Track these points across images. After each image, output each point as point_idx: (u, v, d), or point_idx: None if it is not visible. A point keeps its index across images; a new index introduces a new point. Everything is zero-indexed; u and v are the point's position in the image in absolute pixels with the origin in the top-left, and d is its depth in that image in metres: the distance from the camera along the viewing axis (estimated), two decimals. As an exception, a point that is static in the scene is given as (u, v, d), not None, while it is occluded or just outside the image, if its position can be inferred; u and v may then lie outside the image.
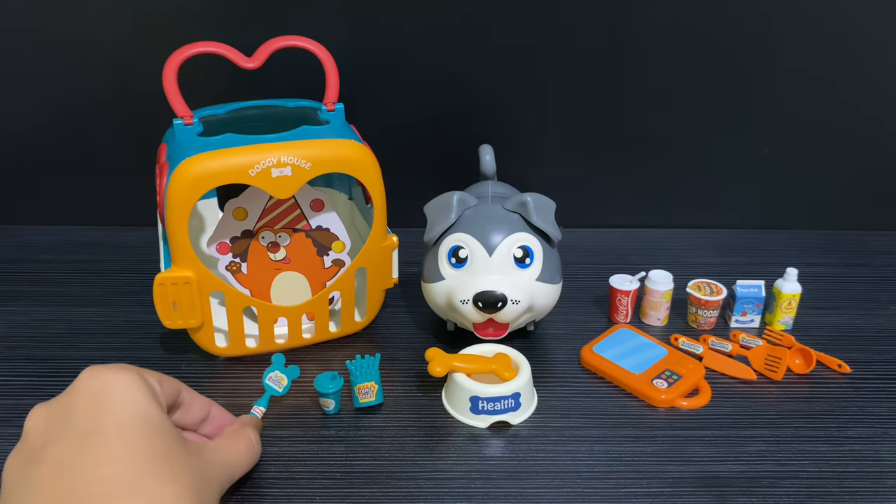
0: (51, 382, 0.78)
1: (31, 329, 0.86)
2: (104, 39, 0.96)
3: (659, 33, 0.97)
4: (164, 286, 0.74)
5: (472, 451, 0.69)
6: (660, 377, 0.77)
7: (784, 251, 1.05)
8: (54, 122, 1.02)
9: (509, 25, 0.97)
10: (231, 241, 0.79)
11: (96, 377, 0.52)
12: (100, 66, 0.98)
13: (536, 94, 1.01)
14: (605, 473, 0.67)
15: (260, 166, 0.71)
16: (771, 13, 0.96)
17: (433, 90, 1.00)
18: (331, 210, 0.80)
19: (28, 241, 1.05)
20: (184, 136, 0.74)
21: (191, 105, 0.75)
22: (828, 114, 1.03)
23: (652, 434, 0.72)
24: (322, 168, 0.74)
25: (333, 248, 0.82)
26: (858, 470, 0.68)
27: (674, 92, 1.01)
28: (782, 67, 0.99)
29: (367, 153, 0.76)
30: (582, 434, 0.72)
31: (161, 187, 0.75)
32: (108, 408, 0.51)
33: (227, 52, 0.74)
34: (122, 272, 0.97)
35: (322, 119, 0.79)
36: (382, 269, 0.83)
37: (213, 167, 0.71)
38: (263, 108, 0.83)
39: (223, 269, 0.79)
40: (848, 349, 0.84)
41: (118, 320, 0.88)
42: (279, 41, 0.76)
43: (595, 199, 1.08)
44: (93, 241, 1.04)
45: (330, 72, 0.78)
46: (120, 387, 0.52)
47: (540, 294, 0.78)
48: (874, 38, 0.98)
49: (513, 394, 0.72)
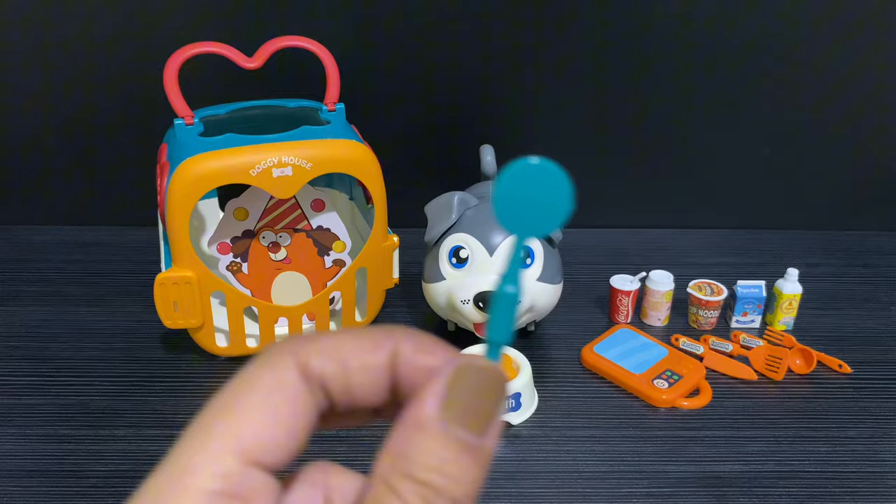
0: (51, 382, 0.78)
1: (31, 329, 0.86)
2: (105, 39, 0.96)
3: (660, 34, 0.97)
4: (165, 286, 0.74)
5: (473, 451, 0.69)
6: (660, 377, 0.77)
7: (785, 251, 1.05)
8: (55, 122, 1.02)
9: (509, 25, 0.97)
10: (232, 241, 0.79)
11: None
12: (101, 66, 0.98)
13: (537, 95, 1.01)
14: (606, 473, 0.67)
15: (261, 166, 0.71)
16: (772, 14, 0.96)
17: (434, 90, 1.00)
18: (331, 210, 0.80)
19: (28, 241, 1.04)
20: (185, 136, 0.74)
21: (192, 105, 0.75)
22: (828, 114, 1.03)
23: (653, 434, 0.72)
24: (323, 168, 0.74)
25: (334, 248, 0.82)
26: (858, 470, 0.68)
27: (675, 92, 1.01)
28: (783, 68, 0.99)
29: (368, 153, 0.76)
30: (582, 434, 0.72)
31: (162, 187, 0.75)
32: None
33: (228, 53, 0.74)
34: (122, 272, 0.97)
35: (323, 119, 0.79)
36: (383, 269, 0.83)
37: (214, 167, 0.71)
38: (264, 108, 0.83)
39: (224, 269, 0.79)
40: (848, 349, 0.84)
41: (119, 320, 0.87)
42: (280, 41, 0.76)
43: (596, 200, 1.08)
44: (93, 241, 1.04)
45: (331, 72, 0.78)
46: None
47: (541, 294, 0.78)
48: (874, 39, 0.98)
49: (513, 394, 0.72)
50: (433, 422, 0.24)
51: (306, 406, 0.26)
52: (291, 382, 0.26)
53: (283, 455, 0.25)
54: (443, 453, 0.24)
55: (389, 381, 0.27)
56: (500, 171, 0.26)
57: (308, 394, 0.26)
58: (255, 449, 0.25)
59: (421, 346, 0.27)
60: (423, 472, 0.23)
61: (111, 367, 0.79)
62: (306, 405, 0.26)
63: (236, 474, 0.24)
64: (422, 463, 0.24)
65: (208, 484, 0.24)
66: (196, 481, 0.24)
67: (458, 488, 0.24)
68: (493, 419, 0.25)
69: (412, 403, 0.25)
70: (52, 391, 0.77)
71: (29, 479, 0.66)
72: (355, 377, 0.27)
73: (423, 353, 0.27)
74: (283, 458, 0.25)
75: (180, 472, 0.24)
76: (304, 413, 0.26)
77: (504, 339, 0.26)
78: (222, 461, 0.24)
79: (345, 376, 0.27)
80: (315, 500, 0.28)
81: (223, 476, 0.24)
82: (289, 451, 0.26)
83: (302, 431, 0.26)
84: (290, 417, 0.26)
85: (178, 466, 0.25)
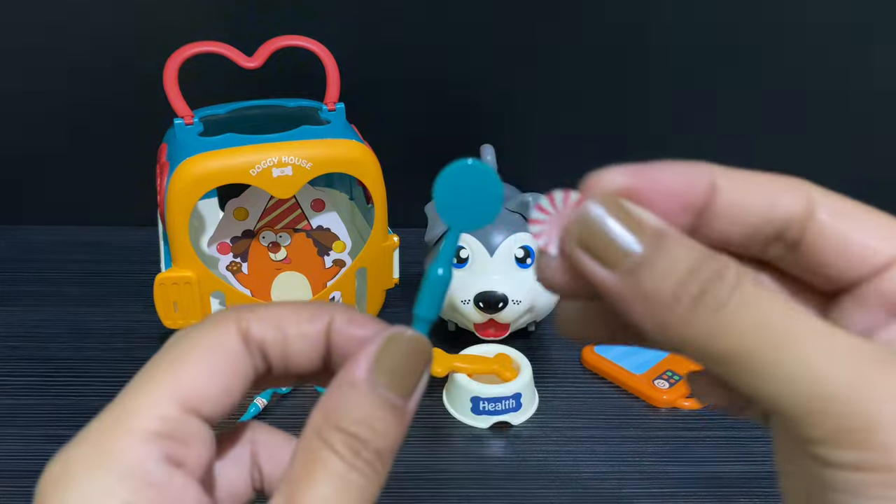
0: (50, 383, 0.77)
1: (30, 329, 0.86)
2: (103, 38, 0.96)
3: (661, 34, 0.97)
4: (165, 286, 0.74)
5: (473, 452, 0.69)
6: (661, 377, 0.77)
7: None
8: (54, 120, 1.01)
9: (509, 25, 0.96)
10: (231, 241, 0.79)
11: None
12: (99, 65, 0.98)
13: (537, 95, 1.01)
14: (607, 474, 0.67)
15: (261, 166, 0.71)
16: (773, 14, 0.96)
17: (434, 90, 1.00)
18: (332, 210, 0.80)
19: (27, 241, 1.04)
20: (184, 136, 0.74)
21: (191, 105, 0.75)
22: (828, 114, 1.02)
23: (653, 434, 0.72)
24: (323, 168, 0.73)
25: (334, 248, 0.81)
26: (860, 470, 0.67)
27: (675, 92, 1.01)
28: (783, 68, 0.99)
29: (368, 153, 0.76)
30: (583, 434, 0.72)
31: (161, 187, 0.75)
32: None
33: (227, 52, 0.74)
34: (122, 272, 0.97)
35: (323, 119, 0.79)
36: (383, 270, 0.83)
37: (213, 167, 0.70)
38: (264, 107, 0.83)
39: (224, 269, 0.79)
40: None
41: (118, 320, 0.87)
42: (280, 40, 0.76)
43: (596, 200, 1.08)
44: (92, 241, 1.04)
45: (331, 71, 0.78)
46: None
47: (541, 294, 0.77)
48: (874, 39, 0.98)
49: (514, 394, 0.72)
50: (363, 382, 0.27)
51: (244, 367, 0.29)
52: (232, 344, 0.29)
53: (219, 408, 0.28)
54: (370, 410, 0.26)
55: (323, 350, 0.30)
56: (442, 168, 0.30)
57: (247, 356, 0.29)
58: (195, 398, 0.27)
59: (354, 319, 0.30)
60: (352, 424, 0.26)
61: (111, 368, 0.79)
62: (244, 366, 0.29)
63: (175, 419, 0.27)
64: (351, 416, 0.26)
65: (149, 425, 0.26)
66: (138, 423, 0.27)
67: (382, 441, 0.26)
68: (417, 384, 0.28)
69: (346, 366, 0.27)
70: (51, 391, 0.77)
71: (28, 480, 0.66)
72: (293, 344, 0.29)
73: (356, 325, 0.30)
74: (220, 411, 0.28)
75: (125, 413, 0.27)
76: (242, 373, 0.29)
77: (430, 316, 0.29)
78: (163, 406, 0.27)
79: (283, 343, 0.29)
80: (242, 455, 0.31)
81: (163, 419, 0.27)
82: (224, 406, 0.28)
83: (238, 389, 0.29)
84: (228, 375, 0.28)
85: (122, 408, 0.28)
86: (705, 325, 0.23)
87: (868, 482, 0.22)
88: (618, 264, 0.25)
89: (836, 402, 0.22)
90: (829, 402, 0.22)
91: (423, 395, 0.28)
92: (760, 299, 0.24)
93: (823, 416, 0.22)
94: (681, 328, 0.24)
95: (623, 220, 0.26)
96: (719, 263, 0.24)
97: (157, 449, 0.26)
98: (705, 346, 0.24)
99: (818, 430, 0.22)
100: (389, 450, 0.27)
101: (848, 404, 0.22)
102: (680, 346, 0.25)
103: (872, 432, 0.21)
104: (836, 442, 0.22)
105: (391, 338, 0.27)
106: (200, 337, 0.28)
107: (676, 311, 0.24)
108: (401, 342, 0.27)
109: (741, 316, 0.23)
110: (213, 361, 0.28)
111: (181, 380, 0.27)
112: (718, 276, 0.24)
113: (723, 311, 0.23)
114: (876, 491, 0.21)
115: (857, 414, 0.22)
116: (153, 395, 0.27)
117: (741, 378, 0.24)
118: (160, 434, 0.26)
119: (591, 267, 0.26)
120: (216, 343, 0.28)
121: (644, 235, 0.25)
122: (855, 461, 0.22)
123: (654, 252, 0.25)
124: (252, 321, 0.29)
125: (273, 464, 0.31)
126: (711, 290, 0.24)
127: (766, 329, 0.23)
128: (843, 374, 0.22)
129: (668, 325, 0.24)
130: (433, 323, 0.29)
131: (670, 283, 0.24)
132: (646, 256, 0.25)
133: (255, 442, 0.31)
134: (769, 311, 0.23)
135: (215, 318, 0.29)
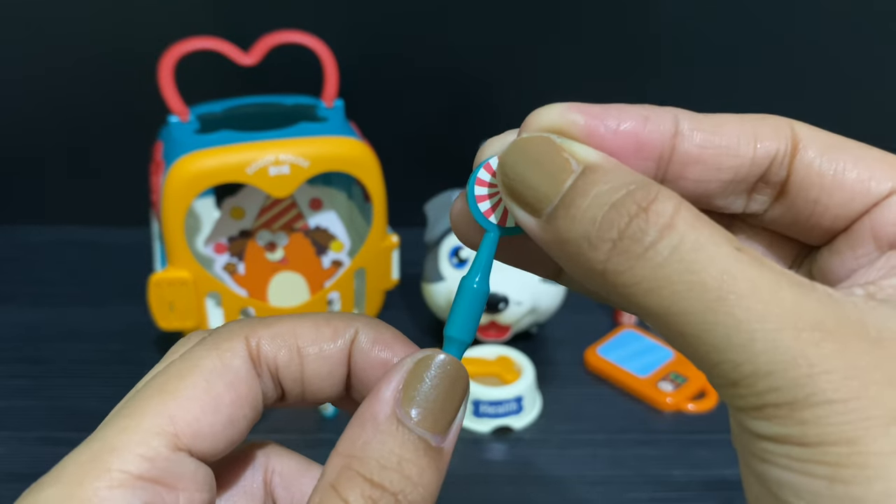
0: (45, 384, 0.77)
1: (25, 330, 0.85)
2: (99, 36, 0.95)
3: (661, 34, 0.97)
4: (160, 287, 0.73)
5: (474, 456, 0.68)
6: (665, 380, 0.76)
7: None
8: (49, 120, 1.01)
9: (509, 25, 0.96)
10: (228, 240, 0.78)
11: None
12: (95, 63, 0.97)
13: (537, 94, 1.00)
14: (610, 478, 0.66)
15: (257, 164, 0.70)
16: (774, 14, 0.95)
17: (434, 88, 0.99)
18: (330, 209, 0.79)
19: (22, 241, 1.03)
20: (180, 134, 0.73)
21: (187, 102, 0.74)
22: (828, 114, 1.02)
23: (658, 438, 0.71)
24: (321, 166, 0.73)
25: (332, 248, 0.81)
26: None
27: (675, 92, 1.00)
28: (783, 68, 0.99)
29: (367, 151, 0.75)
30: (586, 438, 0.71)
31: (157, 186, 0.74)
32: None
33: (224, 48, 0.74)
34: (116, 272, 0.96)
35: (321, 116, 0.78)
36: (382, 270, 0.82)
37: (209, 165, 0.70)
38: (261, 104, 0.82)
39: (220, 269, 0.78)
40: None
41: (113, 321, 0.86)
42: (277, 37, 0.76)
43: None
44: (87, 241, 1.03)
45: (329, 68, 0.77)
46: None
47: (543, 295, 0.77)
48: (875, 39, 0.97)
49: (515, 397, 0.71)
50: (389, 418, 0.22)
51: (252, 393, 0.24)
52: (237, 368, 0.24)
53: (219, 444, 0.24)
54: (399, 452, 0.22)
55: (346, 370, 0.25)
56: (472, 168, 0.27)
57: (255, 381, 0.24)
58: (188, 435, 0.23)
59: (379, 338, 0.25)
60: (376, 472, 0.22)
61: (105, 369, 0.79)
62: (252, 392, 0.24)
63: (163, 459, 0.22)
64: (376, 462, 0.22)
65: (131, 467, 0.22)
66: (118, 463, 0.22)
67: (414, 492, 0.22)
68: (454, 419, 0.23)
69: (367, 398, 0.23)
70: (45, 393, 0.76)
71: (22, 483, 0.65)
72: (311, 366, 0.25)
73: (381, 346, 0.25)
74: (220, 447, 0.24)
75: (105, 450, 0.23)
76: (248, 401, 0.24)
77: (466, 338, 0.24)
78: (150, 443, 0.22)
79: (299, 364, 0.25)
80: (254, 485, 0.26)
81: (149, 459, 0.22)
82: (227, 441, 0.24)
83: (243, 421, 0.24)
84: (231, 405, 0.24)
85: (101, 443, 0.23)
86: (630, 276, 0.19)
87: (791, 455, 0.20)
88: (538, 209, 0.21)
89: (762, 377, 0.19)
90: (756, 377, 0.19)
91: (460, 432, 0.23)
92: (698, 244, 0.19)
93: (749, 388, 0.19)
94: (604, 278, 0.20)
95: (550, 157, 0.21)
96: (648, 195, 0.20)
97: (137, 498, 0.22)
98: (631, 300, 0.20)
99: (743, 400, 0.20)
100: (425, 502, 0.22)
101: (774, 377, 0.19)
102: (608, 299, 0.21)
103: (794, 409, 0.19)
104: (761, 413, 0.20)
105: (421, 362, 0.23)
106: (200, 357, 0.24)
107: (597, 258, 0.20)
108: (433, 368, 0.23)
109: (672, 268, 0.19)
110: (213, 388, 0.23)
111: (174, 411, 0.23)
112: (644, 213, 0.20)
113: (649, 258, 0.19)
114: (797, 465, 0.19)
115: (784, 387, 0.19)
116: (139, 430, 0.23)
117: (670, 339, 0.20)
118: (143, 478, 0.22)
119: (517, 214, 0.22)
120: (218, 365, 0.24)
121: (567, 172, 0.21)
122: (778, 433, 0.19)
123: (573, 190, 0.21)
124: (263, 338, 0.24)
125: (291, 497, 0.26)
126: (634, 232, 0.19)
127: (702, 288, 0.19)
128: (776, 344, 0.19)
129: (591, 274, 0.20)
130: (468, 346, 0.24)
131: (586, 224, 0.20)
132: (564, 196, 0.21)
133: (269, 470, 0.26)
134: (707, 261, 0.19)
135: (220, 333, 0.25)
